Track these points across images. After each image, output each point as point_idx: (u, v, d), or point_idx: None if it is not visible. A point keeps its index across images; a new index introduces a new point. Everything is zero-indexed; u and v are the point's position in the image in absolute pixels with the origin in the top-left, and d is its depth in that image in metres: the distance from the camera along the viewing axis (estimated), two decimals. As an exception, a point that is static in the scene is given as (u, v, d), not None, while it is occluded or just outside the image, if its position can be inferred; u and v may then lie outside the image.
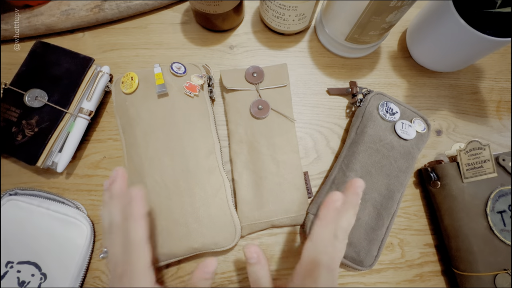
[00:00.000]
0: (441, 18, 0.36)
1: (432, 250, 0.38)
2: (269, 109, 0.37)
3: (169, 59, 0.43)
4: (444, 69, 0.43)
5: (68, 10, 0.41)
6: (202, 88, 0.38)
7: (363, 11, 0.34)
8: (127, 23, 0.44)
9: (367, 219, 0.34)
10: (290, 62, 0.43)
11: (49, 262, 0.32)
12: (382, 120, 0.37)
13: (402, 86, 0.44)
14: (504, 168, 0.35)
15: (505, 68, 0.45)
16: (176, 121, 0.34)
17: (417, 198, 0.40)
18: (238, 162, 0.37)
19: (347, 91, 0.41)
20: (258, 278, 0.28)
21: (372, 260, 0.33)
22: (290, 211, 0.35)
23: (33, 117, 0.35)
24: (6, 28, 0.40)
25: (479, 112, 0.43)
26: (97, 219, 0.36)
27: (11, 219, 0.33)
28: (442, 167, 0.36)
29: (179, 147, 0.34)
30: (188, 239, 0.32)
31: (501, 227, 0.33)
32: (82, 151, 0.39)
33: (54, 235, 0.33)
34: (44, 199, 0.34)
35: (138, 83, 0.36)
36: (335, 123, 0.42)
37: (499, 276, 0.32)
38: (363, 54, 0.44)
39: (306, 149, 0.40)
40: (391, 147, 0.35)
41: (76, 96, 0.36)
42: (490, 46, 0.35)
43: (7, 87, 0.36)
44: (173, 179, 0.33)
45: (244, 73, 0.39)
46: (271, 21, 0.41)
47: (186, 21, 0.45)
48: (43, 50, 0.37)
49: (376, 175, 0.35)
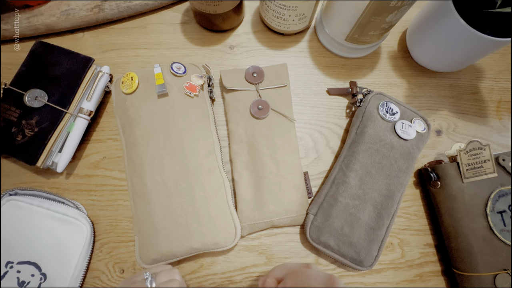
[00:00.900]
0: (441, 18, 0.36)
1: (432, 250, 0.38)
2: (269, 109, 0.37)
3: (169, 59, 0.43)
4: (444, 69, 0.43)
5: (68, 10, 0.41)
6: (202, 88, 0.38)
7: (363, 11, 0.34)
8: (127, 23, 0.44)
9: (367, 219, 0.34)
10: (290, 62, 0.43)
11: (49, 262, 0.32)
12: (382, 120, 0.37)
13: (402, 86, 0.44)
14: (504, 168, 0.35)
15: (505, 68, 0.45)
16: (176, 121, 0.34)
17: (417, 198, 0.40)
18: (238, 162, 0.37)
19: (347, 91, 0.41)
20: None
21: (372, 260, 0.34)
22: (290, 211, 0.35)
23: (33, 117, 0.35)
24: (6, 28, 0.40)
25: (479, 112, 0.43)
26: (97, 219, 0.36)
27: (11, 219, 0.33)
28: (442, 167, 0.36)
29: (179, 147, 0.34)
30: (188, 239, 0.32)
31: (501, 227, 0.33)
32: (82, 151, 0.39)
33: (54, 235, 0.33)
34: (44, 199, 0.34)
35: (138, 83, 0.36)
36: (335, 123, 0.42)
37: (499, 276, 0.32)
38: (363, 54, 0.44)
39: (306, 149, 0.40)
40: (391, 147, 0.35)
41: (76, 96, 0.36)
42: (490, 46, 0.35)
43: (7, 87, 0.36)
44: (173, 179, 0.33)
45: (244, 73, 0.39)
46: (271, 21, 0.41)
47: (186, 21, 0.45)
48: (43, 50, 0.37)
49: (376, 175, 0.35)
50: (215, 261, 0.36)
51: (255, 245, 0.37)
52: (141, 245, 0.33)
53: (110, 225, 0.36)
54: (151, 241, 0.32)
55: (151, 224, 0.32)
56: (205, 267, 0.36)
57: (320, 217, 0.34)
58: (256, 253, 0.36)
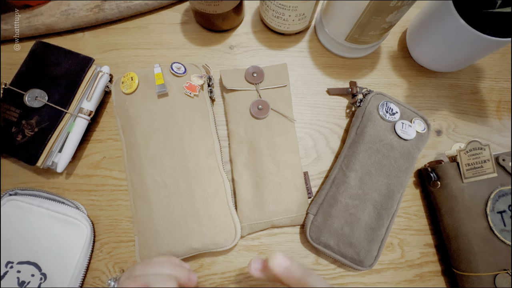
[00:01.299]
0: (441, 18, 0.36)
1: (432, 250, 0.38)
2: (269, 109, 0.37)
3: (169, 59, 0.43)
4: (444, 69, 0.43)
5: (68, 10, 0.41)
6: (202, 88, 0.38)
7: (363, 11, 0.34)
8: (127, 23, 0.44)
9: (367, 219, 0.34)
10: (290, 62, 0.43)
11: (49, 262, 0.32)
12: (382, 120, 0.37)
13: (402, 86, 0.44)
14: (504, 168, 0.35)
15: (505, 68, 0.45)
16: (176, 121, 0.34)
17: (417, 198, 0.40)
18: (238, 162, 0.37)
19: (347, 91, 0.41)
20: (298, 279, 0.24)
21: (372, 260, 0.34)
22: (290, 211, 0.35)
23: (33, 117, 0.35)
24: (6, 28, 0.40)
25: (479, 112, 0.43)
26: (97, 219, 0.36)
27: (11, 219, 0.33)
28: (442, 167, 0.36)
29: (179, 147, 0.34)
30: (188, 239, 0.32)
31: (501, 227, 0.33)
32: (82, 151, 0.39)
33: (54, 235, 0.33)
34: (44, 199, 0.34)
35: (138, 83, 0.36)
36: (335, 123, 0.42)
37: (499, 276, 0.32)
38: (363, 54, 0.44)
39: (306, 149, 0.40)
40: (391, 147, 0.35)
41: (76, 96, 0.36)
42: (490, 46, 0.35)
43: (7, 87, 0.36)
44: (173, 179, 0.33)
45: (244, 73, 0.39)
46: (271, 21, 0.41)
47: (186, 21, 0.45)
48: (43, 50, 0.37)
49: (376, 175, 0.35)
50: (215, 261, 0.36)
51: (255, 245, 0.37)
52: (141, 245, 0.33)
53: (110, 225, 0.36)
54: (151, 241, 0.32)
55: (151, 224, 0.32)
56: (205, 267, 0.36)
57: (320, 217, 0.34)
58: (256, 253, 0.36)
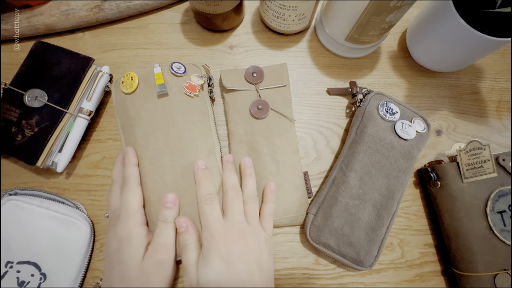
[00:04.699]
0: (441, 18, 0.36)
1: (432, 250, 0.38)
2: (269, 109, 0.37)
3: (169, 59, 0.43)
4: (444, 69, 0.43)
5: (68, 10, 0.41)
6: (202, 88, 0.38)
7: (363, 11, 0.34)
8: (127, 23, 0.44)
9: (367, 219, 0.34)
10: (290, 62, 0.43)
11: (49, 262, 0.32)
12: (382, 120, 0.37)
13: (402, 86, 0.44)
14: (504, 168, 0.35)
15: (505, 68, 0.45)
16: (176, 121, 0.34)
17: (417, 198, 0.40)
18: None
19: (347, 91, 0.41)
20: (186, 245, 0.30)
21: (372, 260, 0.33)
22: (290, 211, 0.35)
23: (33, 117, 0.35)
24: (6, 28, 0.40)
25: (479, 112, 0.43)
26: (97, 219, 0.36)
27: (11, 219, 0.33)
28: (442, 167, 0.36)
29: (179, 147, 0.34)
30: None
31: (501, 227, 0.33)
32: (82, 151, 0.39)
33: (54, 235, 0.33)
34: (44, 199, 0.34)
35: (138, 83, 0.36)
36: (335, 123, 0.42)
37: (499, 276, 0.32)
38: (363, 54, 0.44)
39: (306, 149, 0.40)
40: (391, 147, 0.35)
41: (76, 96, 0.36)
42: (490, 46, 0.35)
43: (7, 87, 0.36)
44: (173, 179, 0.33)
45: (244, 73, 0.39)
46: (271, 21, 0.41)
47: (186, 21, 0.45)
48: (43, 50, 0.37)
49: (376, 175, 0.35)
50: (215, 261, 0.36)
51: (255, 245, 0.37)
52: (141, 245, 0.33)
53: (110, 225, 0.36)
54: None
55: (151, 224, 0.32)
56: (205, 267, 0.36)
57: (320, 217, 0.34)
58: (256, 253, 0.36)
